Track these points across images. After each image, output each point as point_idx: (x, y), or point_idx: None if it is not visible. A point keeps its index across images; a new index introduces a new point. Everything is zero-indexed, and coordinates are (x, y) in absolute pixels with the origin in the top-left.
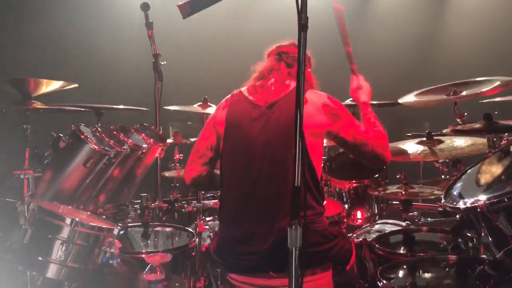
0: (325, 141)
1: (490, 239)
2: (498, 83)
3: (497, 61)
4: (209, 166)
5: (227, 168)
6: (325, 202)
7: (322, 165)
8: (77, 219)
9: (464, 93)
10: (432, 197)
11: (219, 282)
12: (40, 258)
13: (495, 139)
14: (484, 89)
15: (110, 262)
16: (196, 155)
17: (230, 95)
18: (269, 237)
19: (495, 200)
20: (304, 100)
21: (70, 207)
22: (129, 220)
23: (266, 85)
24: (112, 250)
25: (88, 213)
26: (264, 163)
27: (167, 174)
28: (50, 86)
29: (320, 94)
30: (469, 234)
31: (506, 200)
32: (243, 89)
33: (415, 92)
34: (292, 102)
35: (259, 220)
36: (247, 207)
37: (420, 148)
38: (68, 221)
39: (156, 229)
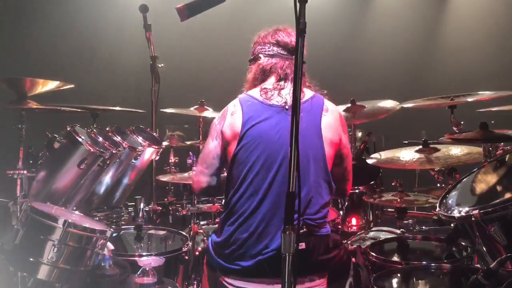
0: None
1: (484, 248)
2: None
3: (494, 71)
4: (216, 176)
5: (241, 170)
6: None
7: None
8: (69, 220)
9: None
10: (427, 205)
11: None
12: (31, 259)
13: (491, 149)
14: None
15: (102, 264)
16: (203, 165)
17: (237, 100)
18: (274, 240)
19: (490, 210)
20: (325, 109)
21: (63, 208)
22: (123, 223)
23: (284, 88)
24: (105, 252)
25: (81, 214)
26: (281, 167)
27: (162, 178)
28: (46, 86)
29: (333, 105)
30: (463, 243)
31: (501, 210)
32: (252, 92)
33: (412, 101)
34: (312, 109)
35: (268, 224)
36: (258, 210)
37: (416, 156)
38: (60, 222)
39: (150, 232)
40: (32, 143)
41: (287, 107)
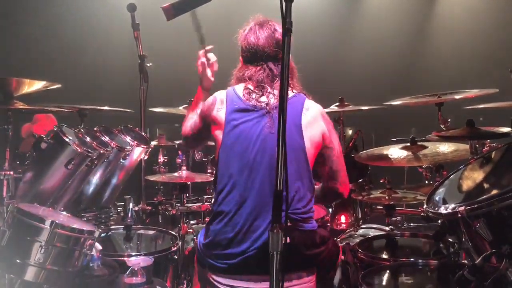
0: None
1: (470, 244)
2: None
3: (480, 69)
4: (194, 124)
5: (225, 171)
6: None
7: None
8: (57, 221)
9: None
10: (415, 202)
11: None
12: (18, 261)
13: (477, 146)
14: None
15: (91, 265)
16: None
17: (225, 95)
18: (260, 237)
19: (476, 206)
20: (305, 107)
21: (50, 209)
22: (112, 223)
23: (263, 95)
24: (93, 253)
25: (69, 215)
26: (263, 166)
27: (151, 178)
28: (33, 86)
29: (316, 104)
30: (450, 240)
31: (486, 207)
32: (238, 89)
33: (400, 99)
34: (293, 108)
35: (253, 221)
36: (244, 209)
37: (404, 153)
38: (47, 223)
39: (139, 232)
40: (19, 143)
41: (268, 108)
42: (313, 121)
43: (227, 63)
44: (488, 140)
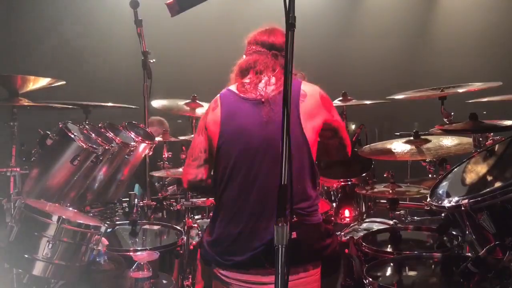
0: None
1: (474, 237)
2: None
3: (483, 63)
4: (204, 168)
5: (225, 165)
6: None
7: None
8: (64, 217)
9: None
10: (419, 196)
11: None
12: (26, 256)
13: (480, 139)
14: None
15: (97, 259)
16: (190, 158)
17: (218, 95)
18: (268, 233)
19: (479, 199)
20: (302, 94)
21: (57, 204)
22: (117, 218)
23: (260, 81)
24: (99, 248)
25: (75, 210)
26: (264, 159)
27: (155, 174)
28: (38, 83)
29: (313, 86)
30: (454, 233)
31: (490, 199)
32: (232, 87)
33: (402, 93)
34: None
35: (259, 217)
36: (246, 204)
37: (408, 147)
38: (54, 218)
39: (144, 227)
40: (25, 140)
41: (263, 100)
42: (313, 108)
43: (233, 58)
44: (492, 133)
